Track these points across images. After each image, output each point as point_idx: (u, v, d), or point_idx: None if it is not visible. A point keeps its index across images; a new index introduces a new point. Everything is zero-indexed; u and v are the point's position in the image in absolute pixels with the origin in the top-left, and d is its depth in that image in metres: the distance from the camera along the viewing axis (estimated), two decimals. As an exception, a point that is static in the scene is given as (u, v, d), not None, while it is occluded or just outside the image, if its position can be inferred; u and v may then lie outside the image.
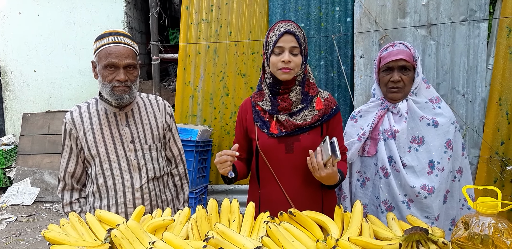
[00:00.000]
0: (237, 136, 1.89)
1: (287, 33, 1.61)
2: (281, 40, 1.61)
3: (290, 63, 1.61)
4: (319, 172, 1.54)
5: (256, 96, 1.80)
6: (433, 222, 1.75)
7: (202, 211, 1.45)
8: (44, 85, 5.84)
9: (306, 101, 1.71)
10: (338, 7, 3.75)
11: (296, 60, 1.62)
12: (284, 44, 1.61)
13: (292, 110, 1.70)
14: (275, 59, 1.63)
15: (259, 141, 1.75)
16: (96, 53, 1.71)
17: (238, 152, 1.86)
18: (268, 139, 1.73)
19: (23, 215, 4.73)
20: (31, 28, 5.75)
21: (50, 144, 5.51)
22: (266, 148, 1.73)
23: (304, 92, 1.71)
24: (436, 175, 1.74)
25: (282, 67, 1.62)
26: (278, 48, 1.62)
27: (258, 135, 1.76)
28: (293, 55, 1.62)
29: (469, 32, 3.38)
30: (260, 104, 1.76)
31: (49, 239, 1.38)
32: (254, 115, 1.79)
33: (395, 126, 1.79)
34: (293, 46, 1.61)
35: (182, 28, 4.10)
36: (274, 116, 1.72)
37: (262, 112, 1.77)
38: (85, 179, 1.90)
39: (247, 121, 1.82)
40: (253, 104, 1.81)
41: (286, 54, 1.60)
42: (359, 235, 1.34)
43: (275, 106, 1.71)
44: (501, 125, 3.35)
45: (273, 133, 1.71)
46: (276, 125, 1.72)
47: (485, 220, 1.17)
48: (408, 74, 1.77)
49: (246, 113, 1.84)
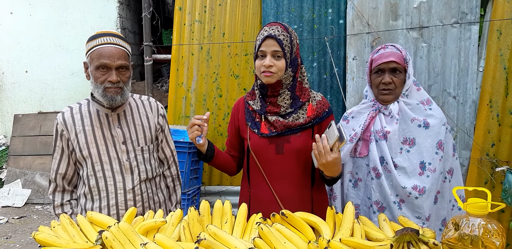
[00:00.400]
0: (229, 135, 1.91)
1: (268, 37, 1.62)
2: (263, 45, 1.64)
3: (271, 67, 1.63)
4: (326, 157, 1.51)
5: (249, 95, 1.83)
6: (424, 222, 1.76)
7: (194, 212, 1.45)
8: (36, 86, 5.80)
9: (296, 106, 1.71)
10: (331, 9, 3.77)
11: (278, 64, 1.63)
12: (266, 48, 1.63)
13: (280, 114, 1.71)
14: (258, 63, 1.67)
15: (250, 141, 1.76)
16: (88, 54, 1.71)
17: (229, 148, 1.88)
18: (259, 139, 1.74)
19: (14, 217, 4.69)
20: (23, 28, 5.71)
21: (41, 145, 5.47)
22: (257, 148, 1.74)
23: (294, 96, 1.71)
24: (427, 176, 1.76)
25: (263, 71, 1.64)
26: (261, 52, 1.65)
27: (250, 135, 1.77)
28: (276, 59, 1.63)
29: (460, 34, 3.41)
30: (251, 104, 1.78)
31: (39, 241, 1.37)
32: (246, 115, 1.80)
33: (387, 127, 1.80)
34: (274, 50, 1.63)
35: (175, 29, 4.09)
36: (262, 117, 1.73)
37: (253, 112, 1.78)
38: (77, 180, 1.89)
39: (239, 121, 1.84)
40: (245, 104, 1.83)
41: (267, 59, 1.63)
42: (350, 236, 1.35)
43: (264, 107, 1.72)
44: (491, 126, 3.38)
45: (264, 133, 1.72)
46: (266, 125, 1.73)
47: (475, 221, 1.18)
48: (399, 76, 1.79)
49: (238, 113, 1.85)
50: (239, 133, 1.85)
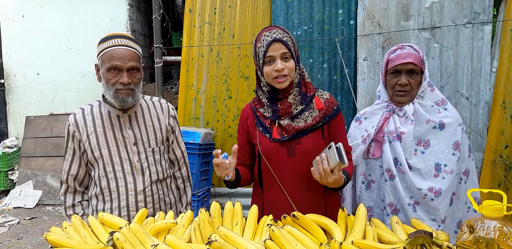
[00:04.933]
0: (240, 141, 1.88)
1: (274, 41, 1.60)
2: (270, 50, 1.60)
3: (284, 70, 1.60)
4: (326, 179, 1.50)
5: (256, 102, 1.80)
6: (440, 224, 1.73)
7: (205, 214, 1.44)
8: (47, 88, 5.87)
9: (305, 102, 1.70)
10: (342, 10, 3.75)
11: (289, 65, 1.62)
12: (274, 53, 1.60)
13: (293, 113, 1.69)
14: (268, 69, 1.62)
15: (261, 145, 1.74)
16: (100, 56, 1.71)
17: (243, 158, 1.85)
18: (269, 143, 1.72)
19: (26, 217, 4.73)
20: (34, 31, 5.78)
21: (53, 147, 5.52)
22: (268, 152, 1.73)
23: (301, 93, 1.70)
24: (442, 177, 1.73)
25: (277, 76, 1.61)
26: (269, 58, 1.61)
27: (260, 140, 1.75)
28: (285, 61, 1.61)
29: (473, 35, 3.38)
30: (262, 111, 1.75)
31: (51, 241, 1.37)
32: (255, 121, 1.78)
33: (401, 128, 1.78)
34: (283, 53, 1.60)
35: (185, 31, 4.11)
36: (276, 122, 1.72)
37: (262, 117, 1.76)
38: (88, 181, 1.89)
39: (248, 126, 1.82)
40: (253, 110, 1.81)
41: (279, 63, 1.60)
42: (363, 238, 1.33)
43: (276, 112, 1.70)
44: (505, 128, 3.34)
45: (275, 138, 1.70)
46: (278, 130, 1.71)
47: (490, 223, 1.16)
48: (415, 78, 1.76)
49: (248, 119, 1.83)
50: (249, 139, 1.83)
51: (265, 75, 1.65)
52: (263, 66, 1.64)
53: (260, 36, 1.65)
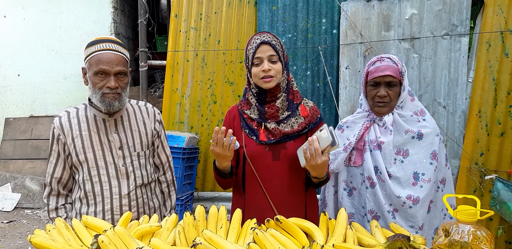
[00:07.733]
0: None
1: (262, 43, 1.68)
2: (258, 51, 1.69)
3: (270, 71, 1.68)
4: (316, 159, 1.54)
5: (243, 104, 1.84)
6: (417, 231, 1.78)
7: (189, 217, 1.46)
8: (27, 90, 5.78)
9: (291, 108, 1.76)
10: (325, 19, 3.83)
11: (276, 67, 1.69)
12: (261, 54, 1.68)
13: (279, 118, 1.74)
14: (256, 70, 1.70)
15: (247, 148, 1.77)
16: (87, 60, 1.72)
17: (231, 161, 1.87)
18: (255, 146, 1.76)
19: (4, 221, 4.63)
20: (16, 32, 5.70)
21: (32, 149, 5.43)
22: (253, 155, 1.76)
23: (289, 99, 1.77)
24: (420, 186, 1.77)
25: (263, 77, 1.68)
26: (257, 59, 1.69)
27: (246, 142, 1.78)
28: (272, 63, 1.69)
29: (450, 46, 3.49)
30: (248, 113, 1.79)
31: (35, 244, 1.37)
32: (242, 122, 1.82)
33: (381, 138, 1.83)
34: (270, 55, 1.68)
35: (170, 36, 4.12)
36: (263, 125, 1.76)
37: (249, 120, 1.80)
38: (72, 184, 1.89)
39: (234, 128, 1.84)
40: (240, 112, 1.84)
41: (265, 63, 1.68)
42: (343, 242, 1.38)
43: (263, 114, 1.75)
44: (480, 136, 3.44)
45: (262, 140, 1.74)
46: (265, 132, 1.75)
47: (464, 227, 1.21)
48: (394, 90, 1.80)
49: (234, 120, 1.86)
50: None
51: (253, 76, 1.72)
52: (251, 67, 1.71)
53: (251, 40, 1.74)
